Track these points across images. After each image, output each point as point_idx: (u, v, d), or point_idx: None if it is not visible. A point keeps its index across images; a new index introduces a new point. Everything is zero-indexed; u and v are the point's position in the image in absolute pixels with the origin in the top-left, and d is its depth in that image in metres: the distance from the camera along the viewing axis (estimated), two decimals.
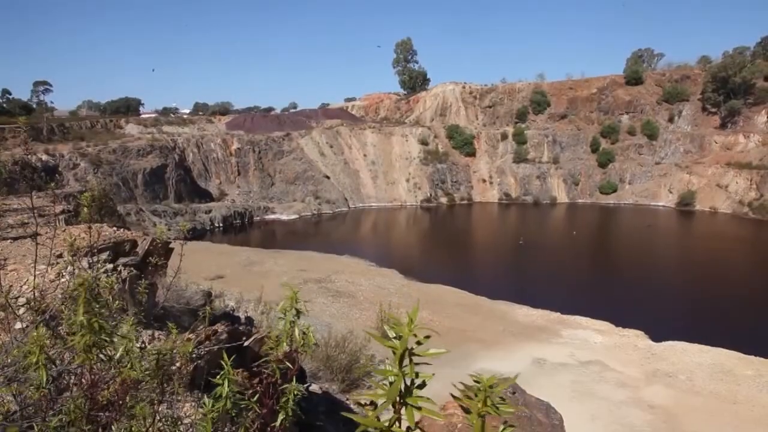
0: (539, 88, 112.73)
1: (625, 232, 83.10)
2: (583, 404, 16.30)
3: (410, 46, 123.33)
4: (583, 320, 25.82)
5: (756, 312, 44.47)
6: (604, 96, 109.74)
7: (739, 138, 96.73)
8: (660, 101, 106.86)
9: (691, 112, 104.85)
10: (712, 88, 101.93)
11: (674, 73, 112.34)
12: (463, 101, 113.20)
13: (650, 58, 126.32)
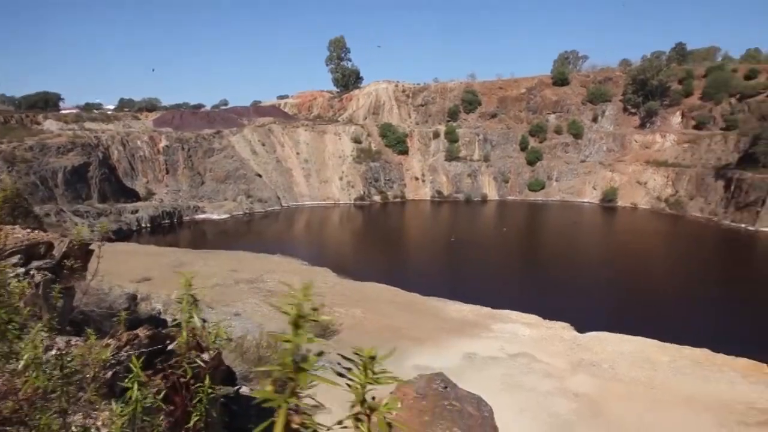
0: (470, 88, 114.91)
1: (553, 228, 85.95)
2: (513, 396, 16.68)
3: (343, 43, 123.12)
4: (512, 314, 26.48)
5: (672, 301, 46.97)
6: (532, 96, 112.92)
7: (656, 137, 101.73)
8: (584, 101, 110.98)
9: (613, 113, 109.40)
10: (632, 89, 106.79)
11: (597, 75, 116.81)
12: (396, 100, 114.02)
13: (575, 60, 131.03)
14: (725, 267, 61.72)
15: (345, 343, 21.81)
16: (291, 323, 2.04)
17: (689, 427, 14.45)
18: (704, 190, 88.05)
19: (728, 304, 48.07)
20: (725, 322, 42.66)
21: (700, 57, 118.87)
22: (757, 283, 54.80)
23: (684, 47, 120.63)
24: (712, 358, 19.81)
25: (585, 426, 14.77)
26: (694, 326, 38.64)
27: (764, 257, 68.15)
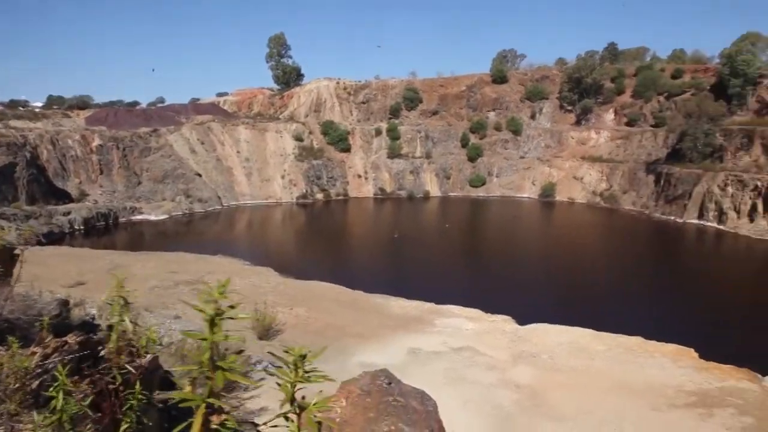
0: (411, 85, 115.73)
1: (494, 223, 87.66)
2: (456, 389, 16.88)
3: (283, 40, 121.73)
4: (455, 309, 26.78)
5: (607, 292, 48.74)
6: (472, 93, 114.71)
7: (591, 134, 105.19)
8: (523, 99, 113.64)
9: (551, 110, 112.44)
10: (568, 87, 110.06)
11: (535, 73, 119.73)
12: (338, 97, 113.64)
13: (513, 58, 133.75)
14: (656, 258, 64.41)
15: (288, 342, 21.60)
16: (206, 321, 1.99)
17: (624, 412, 14.98)
18: (636, 184, 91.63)
19: (659, 292, 50.23)
20: (657, 310, 44.55)
21: (631, 57, 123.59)
22: (685, 272, 57.51)
23: (616, 47, 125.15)
24: (644, 345, 20.61)
25: (527, 415, 15.09)
26: (628, 315, 40.18)
27: (691, 248, 71.52)
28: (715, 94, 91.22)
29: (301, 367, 2.02)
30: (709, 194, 77.70)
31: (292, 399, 2.00)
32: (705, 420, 14.47)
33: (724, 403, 15.48)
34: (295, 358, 2.02)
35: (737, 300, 47.58)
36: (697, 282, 53.69)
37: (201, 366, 1.89)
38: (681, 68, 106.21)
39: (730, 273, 57.30)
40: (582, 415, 15.05)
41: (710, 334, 37.18)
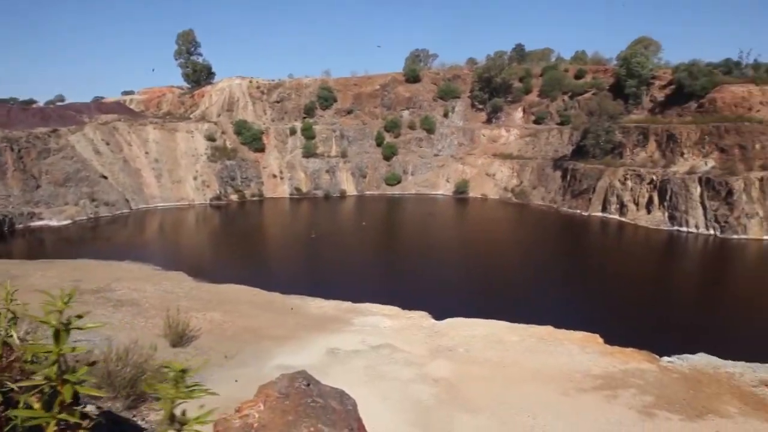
0: (326, 84, 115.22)
1: (410, 220, 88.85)
2: (376, 386, 16.88)
3: (193, 37, 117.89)
4: (373, 307, 26.83)
5: (520, 283, 50.52)
6: (386, 92, 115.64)
7: (502, 132, 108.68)
8: (436, 98, 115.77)
9: (463, 108, 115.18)
10: (478, 87, 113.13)
11: (447, 72, 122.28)
12: (251, 96, 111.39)
13: (426, 58, 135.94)
14: (565, 250, 67.37)
15: (203, 348, 20.93)
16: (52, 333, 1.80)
17: (537, 399, 15.46)
18: (545, 180, 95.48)
19: (568, 282, 52.63)
20: (566, 299, 46.65)
21: (537, 57, 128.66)
22: (591, 263, 60.54)
23: (523, 48, 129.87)
24: (554, 333, 21.41)
25: (445, 408, 15.28)
26: (539, 306, 41.79)
27: (596, 239, 75.40)
28: (614, 94, 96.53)
29: (181, 383, 1.86)
30: (611, 188, 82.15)
31: (171, 416, 1.84)
32: (610, 401, 15.19)
33: (627, 384, 16.32)
34: (176, 374, 1.86)
35: (638, 287, 50.57)
36: (602, 271, 56.67)
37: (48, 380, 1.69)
38: (583, 69, 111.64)
39: (631, 262, 60.80)
40: (497, 404, 15.40)
41: (614, 320, 39.27)
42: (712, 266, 61.75)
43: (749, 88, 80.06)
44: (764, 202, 68.01)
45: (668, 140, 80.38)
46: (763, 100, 77.97)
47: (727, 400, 15.28)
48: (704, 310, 44.66)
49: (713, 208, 70.18)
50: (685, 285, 54.45)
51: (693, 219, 71.68)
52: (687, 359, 18.90)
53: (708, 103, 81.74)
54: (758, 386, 16.46)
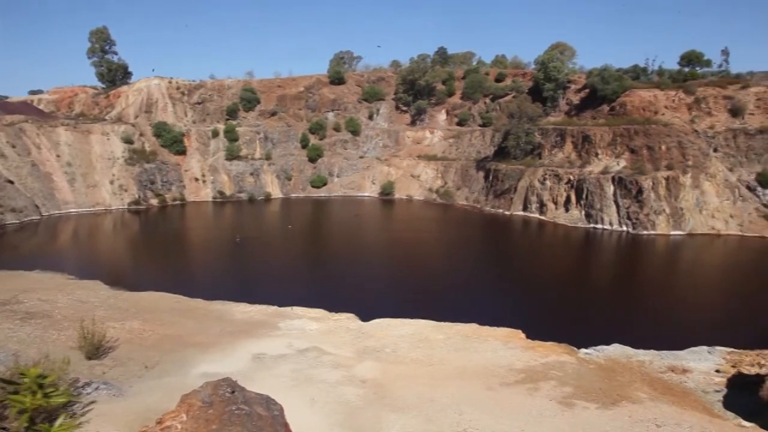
0: (249, 86, 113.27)
1: (336, 222, 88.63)
2: (303, 390, 16.71)
3: (107, 35, 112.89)
4: (299, 310, 26.55)
5: (444, 282, 51.34)
6: (311, 94, 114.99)
7: (426, 133, 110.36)
8: (360, 100, 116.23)
9: (387, 111, 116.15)
10: (403, 89, 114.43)
11: (371, 74, 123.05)
12: (170, 97, 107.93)
13: (350, 60, 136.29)
14: (488, 249, 69.08)
15: (122, 359, 20.05)
16: None
17: (463, 395, 15.70)
18: (468, 180, 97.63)
19: (492, 280, 53.95)
20: (489, 297, 47.79)
21: (459, 60, 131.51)
22: (513, 261, 62.33)
23: (445, 51, 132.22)
24: (479, 331, 21.85)
25: (373, 408, 15.30)
26: (464, 304, 42.62)
27: (518, 238, 77.69)
28: (533, 97, 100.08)
29: (38, 390, 1.74)
30: (531, 188, 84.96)
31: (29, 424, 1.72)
32: (532, 394, 15.64)
33: (548, 376, 16.88)
34: (31, 380, 1.74)
35: (558, 283, 52.48)
36: (524, 269, 58.45)
37: None
38: (503, 72, 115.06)
39: (551, 259, 63.07)
40: (424, 402, 15.56)
41: (536, 315, 40.61)
42: (625, 261, 64.92)
43: (655, 92, 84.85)
44: (670, 200, 72.17)
45: (584, 141, 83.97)
46: (667, 104, 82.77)
47: (638, 386, 16.11)
48: (619, 302, 46.89)
49: (625, 206, 73.90)
50: (601, 280, 57.00)
51: (607, 216, 75.19)
52: (603, 350, 19.79)
53: (619, 106, 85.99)
54: (665, 372, 17.47)
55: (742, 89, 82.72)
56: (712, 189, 73.63)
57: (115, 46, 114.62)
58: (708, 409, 14.76)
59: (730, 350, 19.46)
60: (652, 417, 13.63)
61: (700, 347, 19.86)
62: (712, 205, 72.77)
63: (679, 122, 79.78)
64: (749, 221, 72.03)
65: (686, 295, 50.10)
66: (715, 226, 71.65)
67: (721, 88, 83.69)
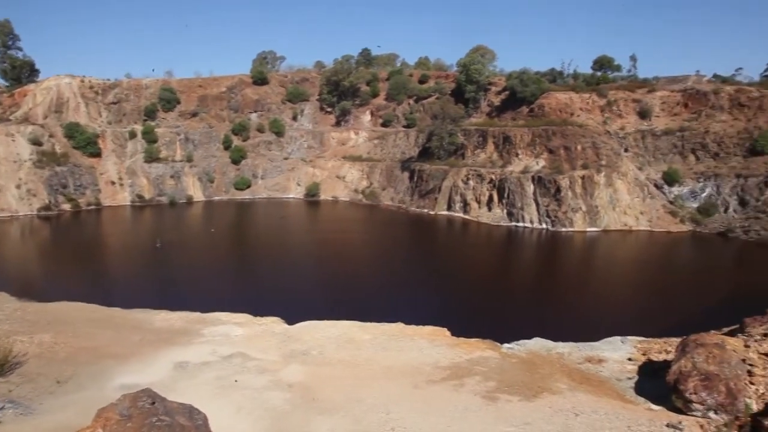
0: (168, 85, 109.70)
1: (261, 224, 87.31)
2: (228, 398, 16.32)
3: (9, 29, 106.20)
4: (223, 315, 25.89)
5: (370, 283, 51.59)
6: (233, 95, 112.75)
7: (351, 134, 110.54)
8: (284, 101, 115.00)
9: (312, 111, 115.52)
10: (327, 90, 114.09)
11: (295, 75, 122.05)
12: (83, 97, 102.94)
13: (273, 60, 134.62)
14: (414, 248, 69.92)
15: (30, 375, 18.88)
16: None
17: (390, 394, 15.78)
18: (394, 181, 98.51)
19: (417, 279, 54.61)
20: (415, 295, 48.37)
21: (383, 62, 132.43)
22: (439, 259, 63.34)
23: (369, 52, 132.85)
24: (405, 330, 22.02)
25: (300, 412, 15.15)
26: (390, 303, 42.97)
27: (443, 237, 79.10)
28: (456, 98, 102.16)
29: None
30: (455, 188, 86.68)
31: None
32: (458, 390, 15.92)
33: (473, 372, 17.23)
34: None
35: (482, 280, 53.80)
36: (448, 267, 59.51)
37: None
38: (426, 74, 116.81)
39: (475, 257, 64.57)
40: (352, 403, 15.54)
41: (461, 312, 41.44)
42: (545, 258, 67.35)
43: (571, 95, 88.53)
44: (586, 198, 75.44)
45: (505, 142, 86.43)
46: (582, 106, 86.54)
47: (558, 378, 16.69)
48: (540, 297, 48.57)
49: (545, 204, 76.66)
50: (523, 276, 58.85)
51: (528, 215, 77.75)
52: (524, 344, 20.38)
53: (537, 108, 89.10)
54: (583, 363, 18.19)
55: (648, 93, 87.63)
56: (623, 187, 77.51)
57: (19, 41, 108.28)
58: (621, 395, 15.50)
59: (641, 339, 20.49)
60: (570, 406, 14.15)
61: (614, 338, 20.81)
62: (624, 203, 76.63)
63: (593, 123, 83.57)
64: (657, 217, 76.34)
65: (601, 288, 52.54)
66: (627, 222, 75.47)
67: (630, 92, 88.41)
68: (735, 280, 54.86)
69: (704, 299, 45.64)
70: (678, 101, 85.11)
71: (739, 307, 24.57)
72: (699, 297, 46.92)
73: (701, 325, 22.57)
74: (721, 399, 13.15)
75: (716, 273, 58.28)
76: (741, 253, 66.33)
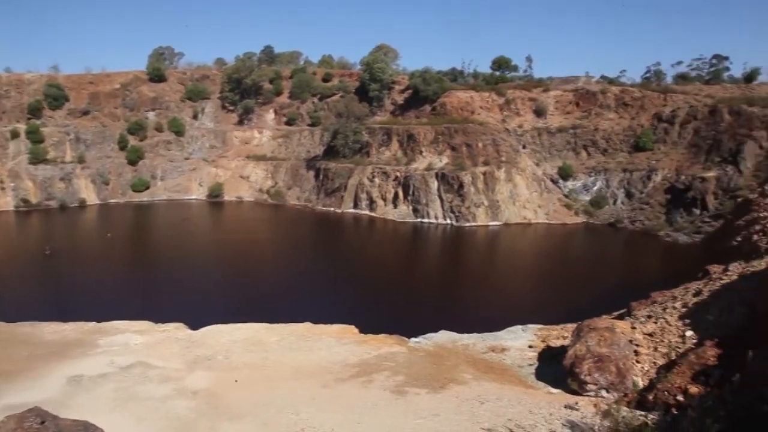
0: (54, 81, 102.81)
1: (162, 228, 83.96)
2: (128, 410, 15.54)
3: None
4: (121, 324, 24.60)
5: (277, 283, 50.93)
6: (128, 92, 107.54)
7: (254, 133, 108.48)
8: (184, 99, 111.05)
9: (213, 110, 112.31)
10: (229, 88, 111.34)
11: (195, 72, 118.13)
12: None
13: (171, 56, 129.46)
14: (321, 247, 69.70)
15: None
16: None
17: (299, 395, 15.66)
18: (299, 180, 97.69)
19: (324, 278, 54.55)
20: (323, 294, 48.26)
21: (286, 60, 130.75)
22: (346, 257, 63.50)
23: (272, 50, 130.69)
24: (313, 329, 21.89)
25: (206, 420, 14.68)
26: (298, 303, 42.59)
27: (350, 235, 79.41)
28: (360, 97, 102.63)
29: None
30: (361, 186, 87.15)
31: None
32: (366, 386, 16.00)
33: (381, 368, 17.37)
34: None
35: (389, 276, 54.45)
36: (356, 265, 59.79)
37: None
38: (330, 72, 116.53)
39: (381, 254, 65.24)
40: (260, 406, 15.25)
41: (369, 309, 41.73)
42: (450, 252, 69.15)
43: (471, 94, 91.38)
44: (488, 193, 78.15)
45: (409, 140, 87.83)
46: (482, 105, 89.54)
47: (464, 368, 17.16)
48: (445, 291, 49.81)
49: (449, 200, 78.64)
50: (429, 271, 60.13)
51: (433, 211, 79.46)
52: (431, 338, 20.80)
53: (440, 106, 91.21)
54: (487, 352, 18.84)
55: (544, 92, 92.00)
56: (522, 182, 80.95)
57: None
58: (523, 381, 16.17)
59: (540, 327, 21.48)
60: (476, 395, 14.57)
61: (516, 326, 21.68)
62: (524, 197, 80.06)
63: (493, 121, 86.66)
64: (554, 210, 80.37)
65: (504, 279, 54.63)
66: (526, 215, 78.88)
67: (527, 91, 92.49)
68: (623, 266, 58.86)
69: (597, 286, 48.51)
70: (570, 100, 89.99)
71: (627, 292, 26.32)
72: (592, 284, 49.82)
73: (594, 310, 23.99)
74: (612, 378, 14.04)
75: (607, 261, 62.28)
76: (628, 242, 71.18)
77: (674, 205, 72.90)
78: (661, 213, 73.70)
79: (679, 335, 15.86)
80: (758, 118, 72.35)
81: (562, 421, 12.06)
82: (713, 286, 18.45)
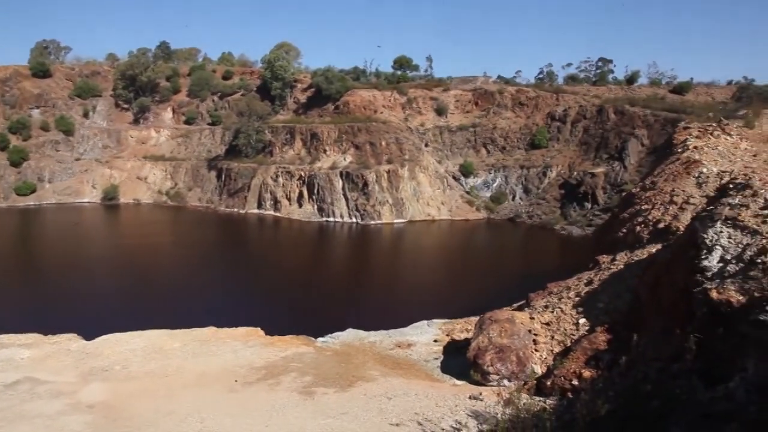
0: None
1: (51, 233, 78.58)
2: (16, 430, 14.53)
3: None
4: (5, 338, 22.89)
5: (179, 288, 49.25)
6: (8, 88, 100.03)
7: (151, 133, 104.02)
8: (72, 96, 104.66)
9: (106, 108, 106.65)
10: (122, 85, 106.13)
11: (84, 68, 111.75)
12: None
13: (57, 50, 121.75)
14: (224, 250, 67.93)
15: None
16: None
17: (204, 401, 15.28)
18: (200, 180, 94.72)
19: (229, 281, 53.33)
20: (228, 298, 47.20)
21: (183, 56, 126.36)
22: (251, 259, 62.42)
23: (168, 46, 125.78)
24: (217, 333, 21.38)
25: None
26: (201, 308, 41.35)
27: (254, 236, 78.11)
28: (262, 95, 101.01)
29: None
30: (265, 186, 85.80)
31: None
32: (274, 388, 15.84)
33: (288, 369, 17.24)
34: None
35: (295, 277, 53.98)
36: (260, 266, 58.87)
37: None
38: (231, 70, 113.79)
39: (287, 254, 64.60)
40: (163, 416, 14.71)
41: (275, 311, 41.24)
42: (356, 251, 69.53)
43: (374, 93, 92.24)
44: (392, 191, 79.21)
45: (312, 139, 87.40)
46: (385, 104, 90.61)
47: (371, 366, 17.35)
48: (352, 289, 50.01)
49: (354, 198, 79.00)
50: (336, 270, 60.17)
51: (338, 209, 79.52)
52: (338, 337, 20.87)
53: (343, 105, 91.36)
54: (394, 349, 19.15)
55: (444, 92, 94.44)
56: (425, 180, 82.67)
57: None
58: (430, 375, 16.56)
59: (445, 321, 22.12)
60: (383, 391, 14.77)
61: (421, 322, 22.18)
62: (427, 194, 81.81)
63: (395, 120, 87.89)
64: (456, 207, 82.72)
65: (409, 276, 55.61)
66: (430, 212, 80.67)
67: (428, 90, 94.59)
68: (522, 260, 61.58)
69: (498, 279, 50.41)
70: (470, 99, 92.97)
71: (526, 284, 27.57)
72: (494, 277, 51.73)
73: (496, 302, 24.96)
74: (513, 368, 14.70)
75: (507, 255, 64.96)
76: (526, 236, 74.54)
77: (568, 199, 77.22)
78: (557, 207, 77.79)
79: (573, 323, 16.85)
80: (639, 118, 77.97)
81: (467, 411, 12.49)
82: (603, 275, 19.73)
